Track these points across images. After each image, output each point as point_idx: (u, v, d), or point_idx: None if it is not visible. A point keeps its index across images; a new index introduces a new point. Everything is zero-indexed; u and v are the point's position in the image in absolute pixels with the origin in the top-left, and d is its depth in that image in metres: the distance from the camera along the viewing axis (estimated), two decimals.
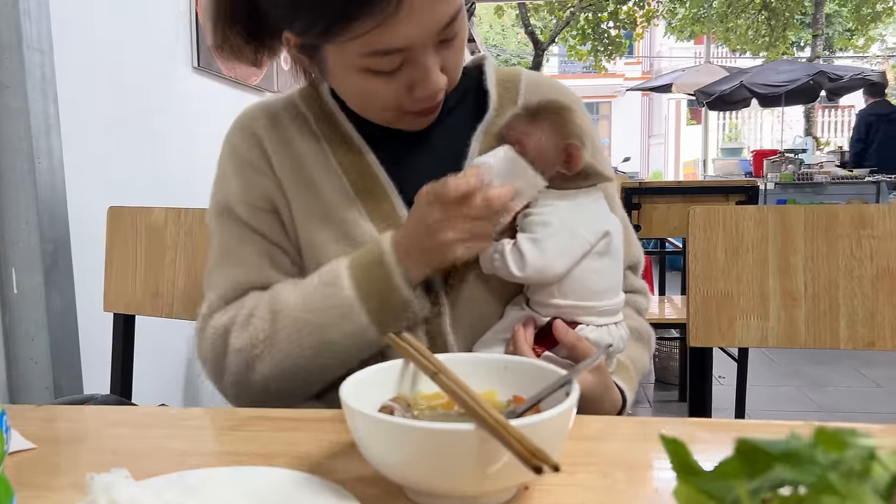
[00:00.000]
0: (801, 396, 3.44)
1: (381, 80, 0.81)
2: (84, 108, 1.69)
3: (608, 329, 0.85)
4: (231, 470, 0.57)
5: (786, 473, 0.29)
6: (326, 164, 0.91)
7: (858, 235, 1.04)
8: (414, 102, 0.84)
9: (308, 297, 0.84)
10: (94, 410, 0.88)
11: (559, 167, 0.84)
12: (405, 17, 0.73)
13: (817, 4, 13.15)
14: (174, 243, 1.40)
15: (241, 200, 0.92)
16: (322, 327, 0.83)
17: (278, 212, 0.92)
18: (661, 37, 18.56)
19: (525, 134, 0.84)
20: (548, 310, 0.84)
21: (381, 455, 0.53)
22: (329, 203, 0.90)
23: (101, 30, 1.80)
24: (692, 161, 15.27)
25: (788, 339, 1.06)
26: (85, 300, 1.59)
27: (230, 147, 0.95)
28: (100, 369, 1.55)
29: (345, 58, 0.80)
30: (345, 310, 0.82)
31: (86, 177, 1.68)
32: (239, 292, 0.90)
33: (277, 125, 0.94)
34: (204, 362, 0.91)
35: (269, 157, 0.92)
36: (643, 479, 0.62)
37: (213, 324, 0.89)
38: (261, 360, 0.85)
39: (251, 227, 0.92)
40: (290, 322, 0.84)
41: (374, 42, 0.75)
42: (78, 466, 0.67)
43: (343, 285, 0.82)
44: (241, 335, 0.86)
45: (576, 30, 12.88)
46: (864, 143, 7.11)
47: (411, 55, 0.78)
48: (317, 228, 0.90)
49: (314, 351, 0.83)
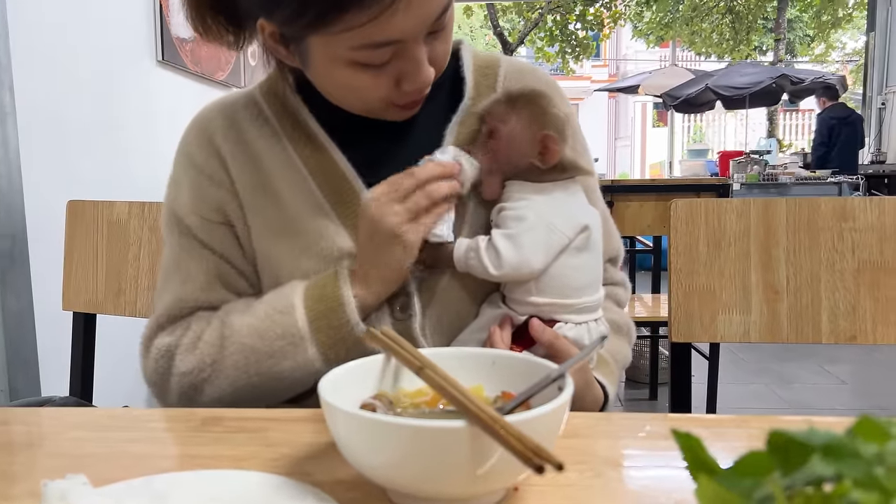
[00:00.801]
0: (770, 393, 3.47)
1: (368, 74, 0.76)
2: (42, 98, 1.62)
3: (587, 326, 0.82)
4: (201, 474, 0.53)
5: (825, 468, 0.27)
6: (290, 166, 0.86)
7: (840, 228, 1.03)
8: (401, 95, 0.80)
9: (259, 323, 0.81)
10: (52, 413, 0.83)
11: (534, 159, 0.81)
12: (403, 8, 0.68)
13: (779, 9, 13.43)
14: (138, 238, 1.35)
15: (192, 211, 0.88)
16: (270, 356, 0.80)
17: (232, 225, 0.88)
18: (627, 40, 18.79)
19: (501, 121, 0.81)
20: (525, 308, 0.81)
21: (364, 456, 0.49)
22: (292, 211, 0.85)
23: (61, 18, 1.73)
24: (658, 163, 15.47)
25: (770, 334, 1.05)
26: (42, 298, 1.53)
27: (185, 153, 0.90)
28: (58, 371, 1.49)
29: (331, 50, 0.75)
30: (295, 340, 0.79)
31: (44, 169, 1.61)
32: (185, 311, 0.87)
33: (235, 126, 0.89)
34: (148, 382, 0.88)
35: (226, 166, 0.87)
36: (638, 477, 0.59)
37: (158, 344, 0.86)
38: (209, 384, 0.82)
39: (201, 241, 0.87)
40: (238, 349, 0.81)
41: (367, 34, 0.70)
42: (34, 473, 0.62)
43: (296, 315, 0.80)
44: (187, 358, 0.83)
45: (543, 31, 12.96)
46: (827, 146, 7.26)
47: (402, 47, 0.74)
48: (275, 241, 0.86)
49: (261, 379, 0.81)
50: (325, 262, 0.83)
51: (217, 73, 2.87)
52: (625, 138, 20.18)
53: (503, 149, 0.82)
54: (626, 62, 20.26)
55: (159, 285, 0.90)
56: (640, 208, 2.51)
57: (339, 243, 0.83)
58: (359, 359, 0.61)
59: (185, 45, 2.56)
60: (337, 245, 0.83)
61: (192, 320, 0.86)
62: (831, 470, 0.27)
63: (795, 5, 14.60)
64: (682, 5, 14.14)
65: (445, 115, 0.90)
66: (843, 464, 0.26)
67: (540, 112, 0.82)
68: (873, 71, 7.43)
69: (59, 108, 1.71)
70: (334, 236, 0.84)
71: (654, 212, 2.51)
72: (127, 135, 2.08)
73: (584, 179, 0.88)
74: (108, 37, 2.01)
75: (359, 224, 0.82)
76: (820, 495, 0.28)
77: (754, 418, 0.68)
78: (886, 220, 1.02)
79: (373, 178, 0.85)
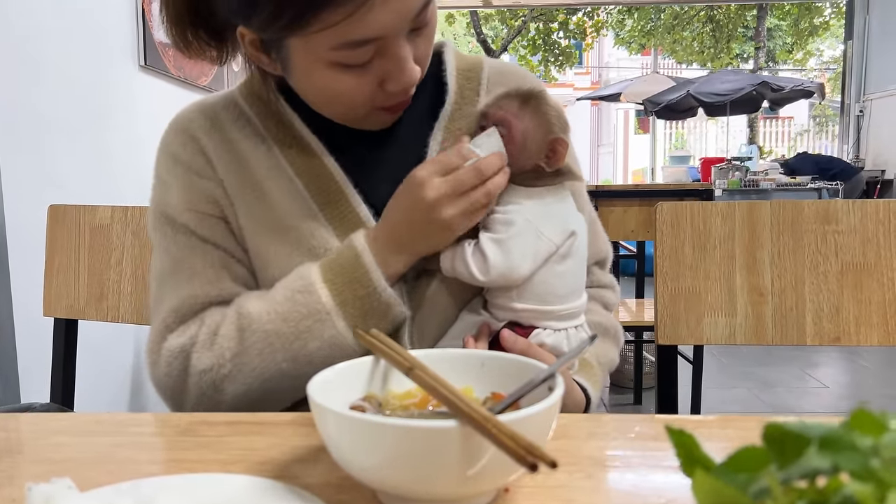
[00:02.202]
0: (753, 398, 3.50)
1: (351, 75, 0.75)
2: (23, 102, 1.60)
3: (566, 333, 0.81)
4: (189, 477, 0.53)
5: (821, 460, 0.27)
6: (276, 167, 0.84)
7: (823, 231, 1.04)
8: (386, 97, 0.78)
9: (280, 307, 0.78)
10: (32, 418, 0.81)
11: (541, 161, 0.80)
12: (379, 3, 0.67)
13: (759, 18, 13.60)
14: (120, 243, 1.33)
15: (186, 209, 0.85)
16: (297, 337, 0.77)
17: (226, 218, 0.86)
18: (609, 48, 18.92)
19: (515, 117, 0.80)
20: (505, 313, 0.81)
21: (355, 457, 0.49)
22: (280, 210, 0.83)
23: (42, 23, 1.71)
24: (641, 169, 15.58)
25: (756, 336, 1.05)
26: (22, 304, 1.50)
27: (168, 153, 0.88)
28: (39, 378, 1.47)
29: (312, 52, 0.73)
30: (321, 317, 0.77)
31: (24, 173, 1.59)
32: (196, 308, 0.83)
33: (217, 126, 0.87)
34: (161, 388, 0.84)
35: (211, 162, 0.85)
36: (628, 477, 0.59)
37: (168, 346, 0.82)
38: (230, 380, 0.79)
39: (200, 237, 0.85)
40: (261, 336, 0.78)
41: (346, 32, 0.69)
42: (15, 479, 0.61)
43: (319, 292, 0.77)
44: (204, 355, 0.79)
45: (526, 40, 13.02)
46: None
47: (384, 45, 0.73)
48: (267, 239, 0.84)
49: (290, 364, 0.78)
50: (318, 259, 0.82)
51: (200, 79, 2.85)
52: (607, 145, 20.31)
53: (515, 148, 0.80)
54: (609, 70, 20.40)
55: (156, 292, 0.87)
56: (624, 214, 2.52)
57: (330, 243, 0.82)
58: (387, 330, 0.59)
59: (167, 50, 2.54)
60: (329, 245, 0.82)
61: (206, 316, 0.82)
62: (827, 462, 0.26)
63: (774, 13, 14.79)
64: (663, 14, 14.28)
65: (428, 118, 0.88)
66: (839, 456, 0.26)
67: (554, 115, 0.81)
68: (851, 78, 7.54)
69: (40, 113, 1.69)
70: (325, 236, 0.82)
71: (638, 217, 2.52)
72: (109, 139, 2.06)
73: (573, 184, 0.87)
74: (90, 42, 1.99)
75: (399, 198, 0.79)
76: (815, 488, 0.28)
77: (740, 418, 0.69)
78: (868, 222, 1.04)
79: (359, 179, 0.85)
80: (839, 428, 0.27)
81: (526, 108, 0.80)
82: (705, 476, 0.29)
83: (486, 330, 0.80)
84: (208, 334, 0.80)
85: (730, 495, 0.28)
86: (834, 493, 0.28)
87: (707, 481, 0.29)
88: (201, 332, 0.81)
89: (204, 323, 0.82)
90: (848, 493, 0.27)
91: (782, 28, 15.78)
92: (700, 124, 17.16)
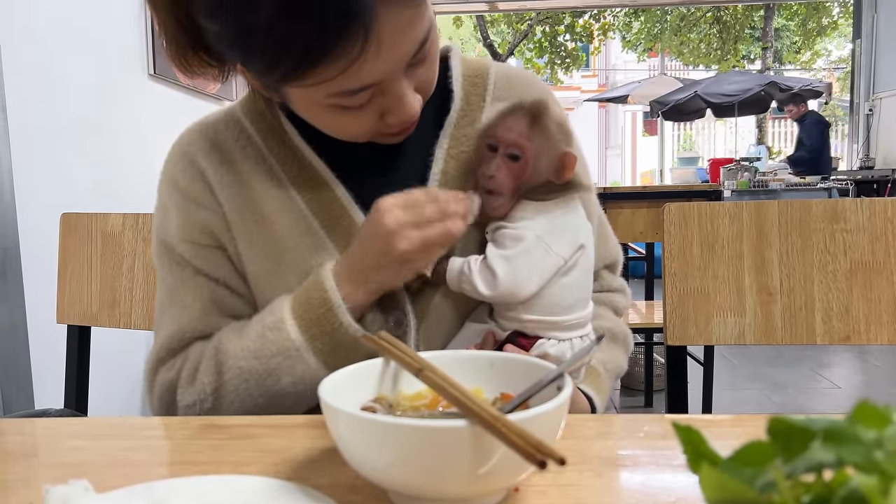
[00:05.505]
0: (764, 399, 3.48)
1: (350, 114, 0.74)
2: (35, 112, 1.62)
3: (571, 343, 0.81)
4: (202, 479, 0.53)
5: (825, 454, 0.27)
6: (278, 187, 0.84)
7: (832, 230, 1.04)
8: (388, 127, 0.78)
9: (252, 344, 0.79)
10: (47, 423, 0.82)
11: (551, 176, 0.79)
12: (372, 56, 0.66)
13: (766, 18, 13.55)
14: (132, 250, 1.34)
15: (183, 238, 0.86)
16: (269, 374, 0.79)
17: (224, 248, 0.86)
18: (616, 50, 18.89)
19: (527, 139, 0.78)
20: (511, 323, 0.80)
21: (366, 457, 0.49)
22: (281, 231, 0.83)
23: (52, 34, 1.73)
24: (649, 171, 15.53)
25: (765, 336, 1.05)
26: (36, 312, 1.52)
27: (168, 178, 0.88)
28: (52, 384, 1.48)
29: (309, 97, 0.73)
30: (291, 353, 0.78)
31: (37, 183, 1.61)
32: (183, 343, 0.86)
33: (218, 148, 0.87)
34: (156, 415, 0.86)
35: (212, 188, 0.85)
36: (638, 477, 0.59)
37: (160, 380, 0.85)
38: (215, 411, 0.81)
39: (195, 268, 0.86)
40: (236, 373, 0.79)
41: (341, 83, 0.69)
42: (31, 482, 0.61)
43: (287, 329, 0.78)
44: (187, 392, 0.82)
45: (532, 43, 13.03)
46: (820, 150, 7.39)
47: (382, 87, 0.72)
48: (265, 263, 0.84)
49: (265, 399, 0.80)
50: None
51: (209, 87, 2.87)
52: (615, 147, 20.27)
53: (528, 169, 0.79)
54: (616, 72, 20.37)
55: (157, 317, 0.89)
56: (633, 215, 2.52)
57: (329, 262, 0.81)
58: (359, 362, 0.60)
59: None
60: (327, 260, 0.82)
61: (190, 351, 0.85)
62: (832, 455, 0.27)
63: (782, 14, 14.74)
64: (669, 16, 14.25)
65: (434, 125, 0.88)
66: (843, 449, 0.27)
67: (563, 130, 0.80)
68: (860, 77, 7.50)
69: (51, 122, 1.71)
70: (325, 255, 0.82)
71: (647, 219, 2.52)
72: (119, 148, 2.08)
73: (582, 194, 0.85)
74: (99, 51, 2.01)
75: (364, 224, 0.79)
76: (822, 482, 0.29)
77: (751, 417, 0.69)
78: (877, 220, 1.03)
79: (362, 193, 0.84)
80: (843, 421, 0.27)
81: (535, 128, 0.79)
82: (712, 470, 0.29)
83: (490, 338, 0.80)
84: (190, 370, 0.83)
85: (736, 489, 0.28)
86: (840, 487, 0.28)
87: (714, 476, 0.29)
88: (185, 368, 0.84)
89: (188, 359, 0.84)
90: (853, 485, 0.27)
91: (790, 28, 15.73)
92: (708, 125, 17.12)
